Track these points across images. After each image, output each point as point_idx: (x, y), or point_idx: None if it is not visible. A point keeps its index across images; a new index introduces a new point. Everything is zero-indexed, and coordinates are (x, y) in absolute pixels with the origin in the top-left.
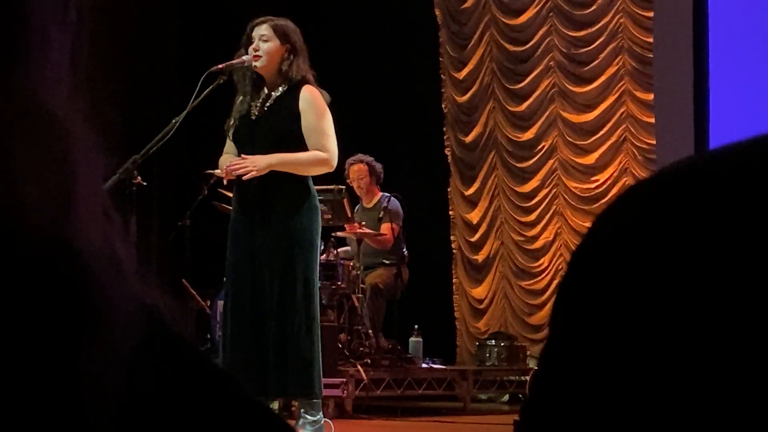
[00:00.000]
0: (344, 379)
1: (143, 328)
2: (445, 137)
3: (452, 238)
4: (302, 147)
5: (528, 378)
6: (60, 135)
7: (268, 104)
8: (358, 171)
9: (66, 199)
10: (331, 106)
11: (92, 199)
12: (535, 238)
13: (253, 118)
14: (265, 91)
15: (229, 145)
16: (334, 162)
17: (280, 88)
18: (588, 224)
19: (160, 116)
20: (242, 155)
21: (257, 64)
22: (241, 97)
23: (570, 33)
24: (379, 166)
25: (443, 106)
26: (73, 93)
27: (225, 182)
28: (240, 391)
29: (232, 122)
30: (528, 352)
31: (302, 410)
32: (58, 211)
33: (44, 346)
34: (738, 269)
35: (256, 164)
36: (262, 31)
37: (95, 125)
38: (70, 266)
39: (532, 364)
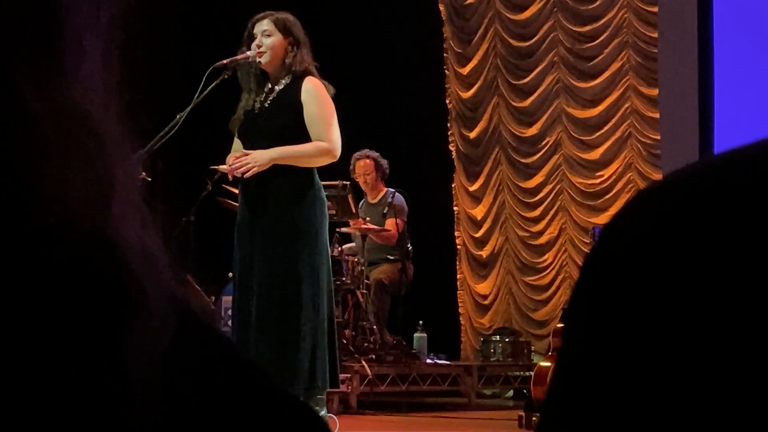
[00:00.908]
0: (349, 375)
1: (178, 322)
2: (449, 133)
3: (456, 233)
4: (306, 139)
5: (532, 374)
6: (96, 135)
7: (271, 98)
8: (364, 166)
9: (104, 197)
10: (336, 101)
11: (128, 197)
12: (540, 233)
13: (257, 112)
14: (269, 85)
15: (237, 143)
16: (337, 152)
17: (284, 81)
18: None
19: (164, 112)
20: (245, 150)
21: (261, 60)
22: (245, 93)
23: (574, 28)
24: (384, 162)
25: (447, 101)
26: (106, 95)
27: (230, 178)
28: (272, 384)
29: (237, 118)
30: (532, 348)
31: None
32: (97, 209)
33: (86, 339)
34: (747, 274)
35: (257, 160)
36: (264, 26)
37: (128, 126)
38: (109, 261)
39: (536, 359)
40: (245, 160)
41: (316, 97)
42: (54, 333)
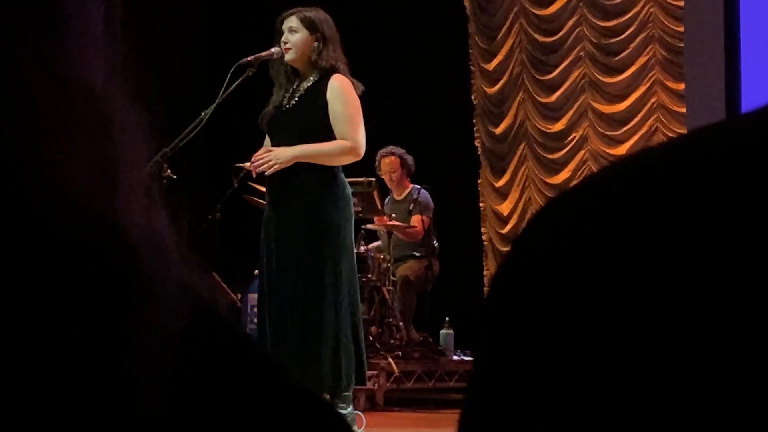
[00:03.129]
0: (375, 372)
1: (189, 310)
2: (475, 129)
3: (483, 230)
4: (331, 136)
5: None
6: (100, 114)
7: (298, 95)
8: (389, 163)
9: (109, 179)
10: (361, 99)
11: (134, 180)
12: None
13: (285, 109)
14: (298, 82)
15: (268, 141)
16: (361, 151)
17: (311, 78)
18: None
19: (189, 109)
20: (268, 147)
21: (287, 56)
22: (276, 89)
23: (600, 23)
24: (410, 159)
25: (473, 97)
26: (111, 70)
27: (254, 175)
28: (290, 380)
29: (266, 114)
30: None
31: (333, 403)
32: (102, 192)
33: (94, 327)
34: (647, 287)
35: (279, 157)
36: (291, 23)
37: (135, 104)
38: (116, 247)
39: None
40: (267, 157)
41: (341, 95)
42: (58, 326)
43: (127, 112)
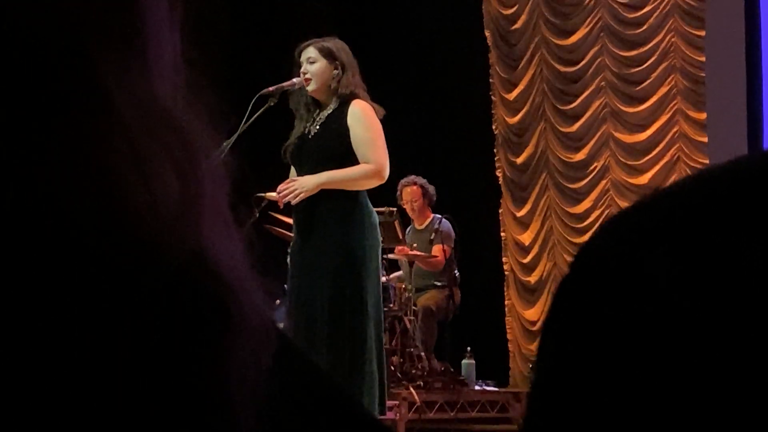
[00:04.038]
0: (397, 402)
1: (276, 339)
2: (496, 158)
3: (504, 259)
4: (354, 161)
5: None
6: (183, 137)
7: (320, 123)
8: (411, 193)
9: (195, 205)
10: (383, 127)
11: (216, 207)
12: None
13: (307, 138)
14: (318, 111)
15: (293, 172)
16: (386, 173)
17: (332, 106)
18: None
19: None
20: (293, 177)
21: (308, 87)
22: (297, 121)
23: (621, 53)
24: (431, 189)
25: (494, 127)
26: (185, 94)
27: (281, 206)
28: (360, 407)
29: (289, 145)
30: None
31: None
32: (189, 217)
33: (189, 362)
34: (716, 301)
35: (304, 186)
36: (309, 53)
37: (209, 127)
38: (209, 275)
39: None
40: (293, 186)
41: (361, 120)
42: (158, 358)
43: (202, 133)
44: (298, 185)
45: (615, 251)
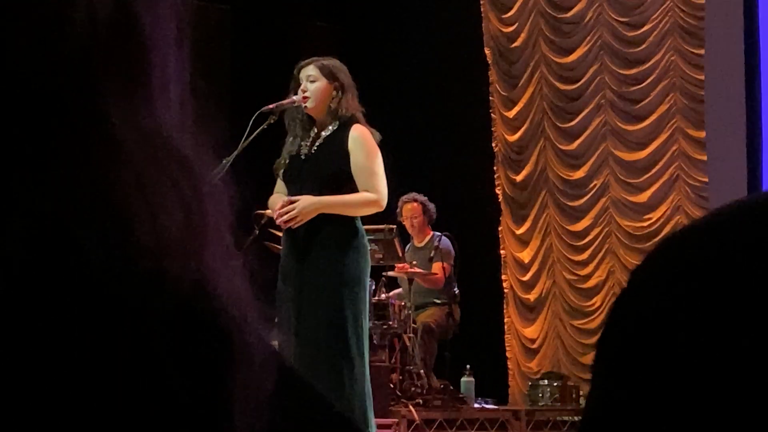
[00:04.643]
0: (396, 420)
1: (277, 370)
2: (495, 176)
3: (504, 277)
4: (352, 187)
5: (580, 418)
6: (186, 168)
7: (317, 144)
8: (411, 210)
9: (199, 237)
10: (382, 146)
11: (219, 236)
12: (588, 277)
13: (303, 157)
14: (315, 130)
15: (280, 185)
16: (384, 202)
17: (330, 127)
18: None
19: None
20: (290, 197)
21: (307, 105)
22: (291, 138)
23: (621, 71)
24: (432, 207)
25: (494, 144)
26: (188, 124)
27: (284, 227)
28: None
29: (282, 162)
30: (581, 392)
31: None
32: (193, 247)
33: (193, 393)
34: None
35: (305, 208)
36: (309, 71)
37: (211, 157)
38: (210, 308)
39: (585, 403)
40: (293, 213)
41: (363, 146)
42: (159, 387)
43: (206, 163)
44: (298, 211)
45: (672, 273)
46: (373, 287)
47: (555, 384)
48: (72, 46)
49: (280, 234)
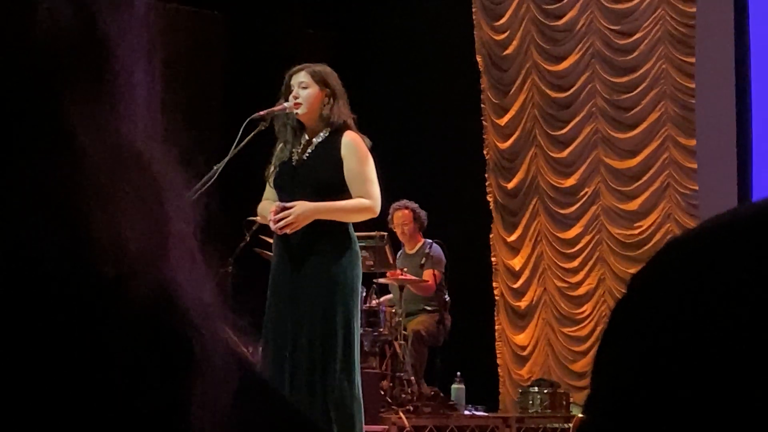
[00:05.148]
0: (386, 427)
1: (239, 375)
2: (487, 183)
3: (495, 284)
4: (344, 193)
5: (571, 425)
6: (149, 176)
7: (309, 150)
8: (402, 217)
9: (161, 242)
10: (373, 153)
11: (183, 243)
12: (579, 284)
13: (295, 164)
14: (306, 137)
15: (269, 191)
16: (377, 208)
17: (322, 134)
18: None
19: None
20: (282, 203)
21: (299, 111)
22: (281, 144)
23: (612, 79)
24: (423, 214)
25: (485, 152)
26: (154, 132)
27: (279, 233)
28: None
29: (272, 169)
30: (571, 399)
31: None
32: (154, 254)
33: (152, 399)
34: None
35: (301, 214)
36: (301, 78)
37: (178, 165)
38: (172, 311)
39: (575, 411)
40: (290, 219)
41: (356, 153)
42: (118, 393)
43: (172, 173)
44: (294, 215)
45: (671, 279)
46: (364, 294)
47: (545, 391)
48: (33, 55)
49: (272, 240)
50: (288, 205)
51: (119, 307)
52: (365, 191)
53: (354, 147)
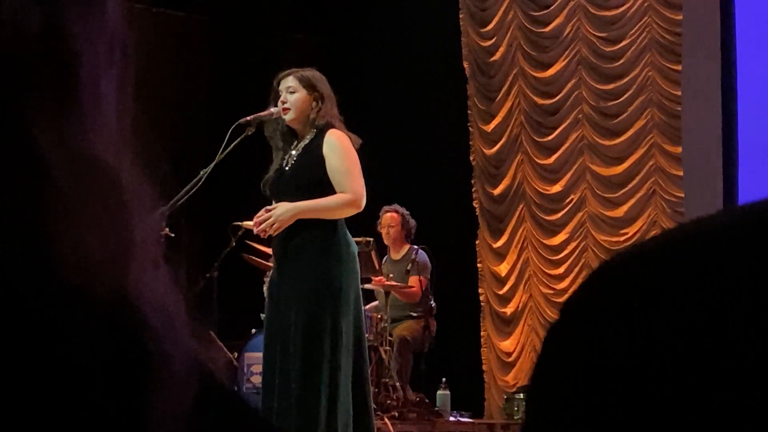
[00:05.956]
0: None
1: (199, 381)
2: (473, 190)
3: (480, 290)
4: (330, 191)
5: None
6: (114, 185)
7: (297, 154)
8: (389, 219)
9: (123, 254)
10: (360, 157)
11: (147, 252)
12: (564, 291)
13: (284, 170)
14: (296, 142)
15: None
16: (362, 202)
17: (308, 137)
18: None
19: (187, 168)
20: (267, 207)
21: (287, 117)
22: (275, 152)
23: (598, 86)
24: (412, 223)
25: (471, 158)
26: (122, 142)
27: (264, 237)
28: None
29: (268, 177)
30: None
31: None
32: (117, 264)
33: (109, 404)
34: (712, 356)
35: (280, 216)
36: (289, 83)
37: (146, 174)
38: (131, 324)
39: None
40: (270, 221)
41: (336, 149)
42: (77, 399)
43: (138, 183)
44: (274, 216)
45: (602, 304)
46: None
47: None
48: None
49: (260, 246)
50: (269, 207)
51: (79, 314)
52: (346, 185)
53: (335, 143)
